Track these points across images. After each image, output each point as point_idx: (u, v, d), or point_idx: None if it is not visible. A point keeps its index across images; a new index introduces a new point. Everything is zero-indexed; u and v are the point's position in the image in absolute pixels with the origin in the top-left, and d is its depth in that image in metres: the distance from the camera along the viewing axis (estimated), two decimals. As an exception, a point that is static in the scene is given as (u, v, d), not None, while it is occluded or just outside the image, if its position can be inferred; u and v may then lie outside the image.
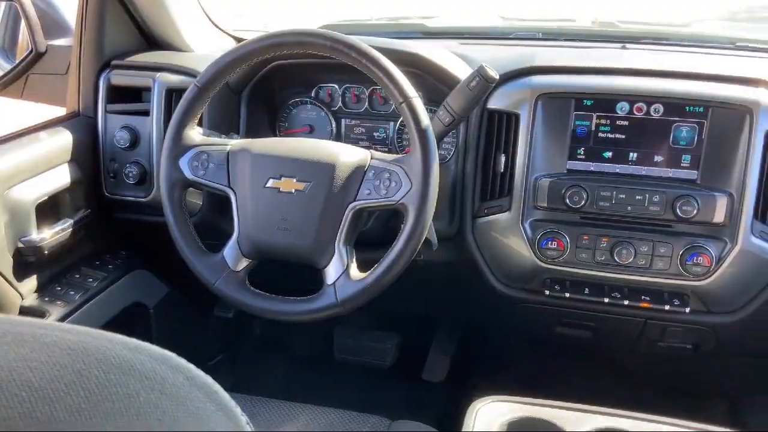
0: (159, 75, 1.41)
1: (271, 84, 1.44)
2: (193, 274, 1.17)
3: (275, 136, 1.48)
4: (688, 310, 1.25)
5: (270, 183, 1.12)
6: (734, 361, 1.63)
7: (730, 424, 0.98)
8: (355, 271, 1.10)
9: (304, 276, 1.18)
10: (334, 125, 1.47)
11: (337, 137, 1.47)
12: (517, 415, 0.98)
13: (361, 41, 1.08)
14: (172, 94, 1.40)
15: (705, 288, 1.22)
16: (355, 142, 1.42)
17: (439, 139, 1.15)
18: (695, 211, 1.19)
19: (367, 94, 1.44)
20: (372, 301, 1.09)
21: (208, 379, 0.39)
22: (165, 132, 1.19)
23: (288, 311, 1.13)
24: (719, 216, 1.18)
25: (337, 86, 1.45)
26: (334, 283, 1.10)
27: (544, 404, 1.00)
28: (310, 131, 1.48)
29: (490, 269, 1.36)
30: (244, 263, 1.15)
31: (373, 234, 1.24)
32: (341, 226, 1.10)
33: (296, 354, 2.04)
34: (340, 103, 1.46)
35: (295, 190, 1.11)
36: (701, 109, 1.20)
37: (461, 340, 1.95)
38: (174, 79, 1.41)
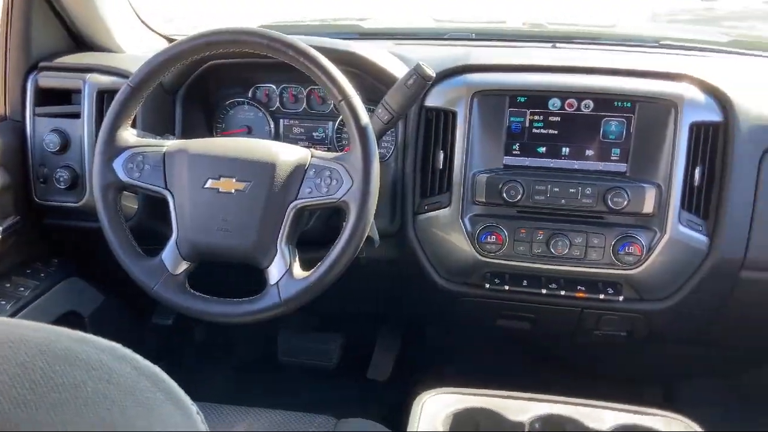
0: (89, 76, 1.37)
1: (207, 84, 1.42)
2: (130, 280, 1.14)
3: (212, 137, 1.46)
4: (621, 298, 1.29)
5: (209, 183, 1.11)
6: (668, 348, 1.69)
7: (665, 407, 1.02)
8: (298, 271, 1.10)
9: (245, 277, 1.17)
10: (272, 126, 1.45)
11: (276, 138, 1.46)
12: (461, 405, 1.00)
13: (299, 40, 1.08)
14: (104, 96, 1.36)
15: (637, 276, 1.27)
16: (294, 142, 1.41)
17: (379, 137, 1.16)
18: (625, 203, 1.23)
19: (305, 93, 1.44)
20: (315, 300, 1.09)
21: (156, 369, 0.38)
22: (97, 134, 1.16)
23: (230, 313, 1.12)
24: (648, 207, 1.23)
25: (274, 86, 1.44)
26: (277, 282, 1.09)
27: (487, 394, 1.02)
28: (248, 132, 1.46)
29: (431, 265, 1.37)
30: (183, 266, 1.13)
31: (314, 233, 1.23)
32: (283, 226, 1.10)
33: (239, 358, 2.01)
34: (278, 104, 1.45)
35: (235, 190, 1.10)
36: (629, 104, 1.24)
37: (405, 338, 1.96)
38: (105, 80, 1.37)
